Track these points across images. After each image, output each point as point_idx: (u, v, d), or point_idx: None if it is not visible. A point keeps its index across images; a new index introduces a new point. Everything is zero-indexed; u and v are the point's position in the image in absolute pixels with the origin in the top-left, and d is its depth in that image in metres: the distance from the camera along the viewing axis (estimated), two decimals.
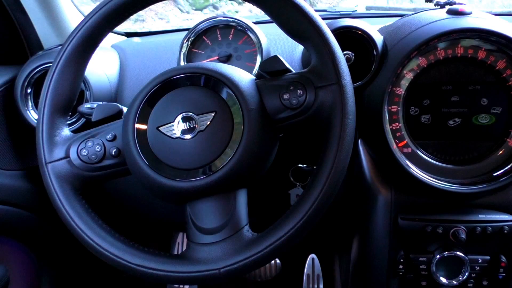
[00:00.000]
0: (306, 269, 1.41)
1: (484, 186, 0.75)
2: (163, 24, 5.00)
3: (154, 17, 4.98)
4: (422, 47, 0.74)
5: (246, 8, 4.96)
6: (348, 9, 1.33)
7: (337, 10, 1.35)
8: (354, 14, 1.30)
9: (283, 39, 0.96)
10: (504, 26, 0.73)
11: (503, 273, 0.81)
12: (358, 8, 1.98)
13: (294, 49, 0.94)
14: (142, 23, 4.92)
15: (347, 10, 1.33)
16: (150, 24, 5.07)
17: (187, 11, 5.30)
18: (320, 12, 1.35)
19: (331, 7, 1.41)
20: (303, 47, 0.94)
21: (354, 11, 1.33)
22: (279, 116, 0.63)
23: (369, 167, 0.84)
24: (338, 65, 0.61)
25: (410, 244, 0.83)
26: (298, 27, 0.63)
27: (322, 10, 1.36)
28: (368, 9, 1.98)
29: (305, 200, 0.59)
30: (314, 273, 1.39)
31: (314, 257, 1.41)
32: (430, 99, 0.79)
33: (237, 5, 4.93)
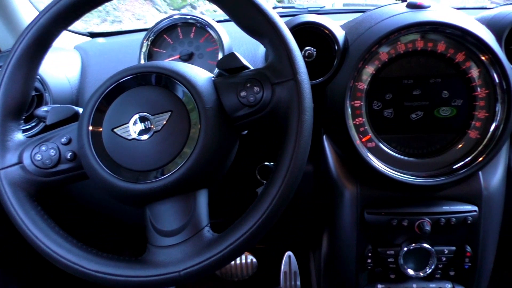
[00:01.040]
0: (283, 267, 1.40)
1: (444, 179, 0.75)
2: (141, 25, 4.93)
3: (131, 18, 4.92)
4: (382, 41, 0.74)
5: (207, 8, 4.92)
6: (316, 6, 1.33)
7: (305, 7, 1.35)
8: (322, 10, 1.30)
9: (247, 37, 0.95)
10: (461, 18, 0.74)
11: (469, 262, 0.82)
12: (335, 5, 1.99)
13: (258, 46, 0.93)
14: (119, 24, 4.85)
15: (315, 6, 1.33)
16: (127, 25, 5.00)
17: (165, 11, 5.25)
18: (288, 9, 1.35)
19: (299, 3, 1.41)
20: None
21: (322, 7, 1.33)
22: (237, 114, 0.62)
23: (334, 163, 0.84)
24: (294, 61, 0.60)
25: (377, 238, 0.84)
26: (254, 24, 0.62)
27: (290, 6, 1.36)
28: (345, 6, 1.99)
29: (263, 198, 0.58)
30: (291, 270, 1.39)
31: (291, 254, 1.41)
32: (392, 93, 0.79)
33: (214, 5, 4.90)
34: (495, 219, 0.82)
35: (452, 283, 0.84)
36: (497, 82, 0.74)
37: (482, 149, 0.76)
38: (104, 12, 4.82)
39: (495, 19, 0.81)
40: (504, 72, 0.72)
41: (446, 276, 0.85)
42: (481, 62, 0.75)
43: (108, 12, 4.86)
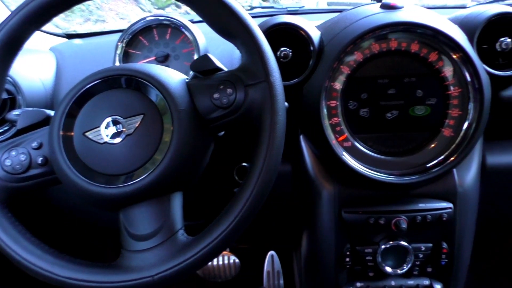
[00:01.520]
0: (266, 266, 1.40)
1: (418, 177, 0.76)
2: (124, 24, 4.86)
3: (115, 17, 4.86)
4: (356, 41, 0.75)
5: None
6: (295, 6, 1.34)
7: (284, 7, 1.36)
8: (301, 10, 1.31)
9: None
10: (433, 18, 0.75)
11: (445, 259, 0.84)
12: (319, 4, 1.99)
13: (235, 47, 0.93)
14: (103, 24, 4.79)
15: (294, 6, 1.33)
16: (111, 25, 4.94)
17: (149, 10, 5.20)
18: (267, 9, 1.35)
19: (279, 4, 1.41)
20: None
21: (302, 7, 1.33)
22: (211, 116, 0.62)
23: (312, 163, 0.85)
24: (266, 63, 0.60)
25: (355, 237, 0.84)
26: (226, 26, 0.62)
27: (269, 6, 1.37)
28: (330, 5, 2.00)
29: (237, 200, 0.58)
30: (274, 270, 1.39)
31: (273, 254, 1.41)
32: (367, 92, 0.79)
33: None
34: (470, 216, 0.84)
35: (429, 279, 0.86)
36: (469, 81, 0.75)
37: (455, 147, 0.77)
38: (87, 12, 4.77)
39: (467, 18, 0.82)
40: (475, 71, 0.73)
41: (424, 273, 0.86)
42: (454, 61, 0.76)
43: (92, 12, 4.80)
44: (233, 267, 1.38)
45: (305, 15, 1.29)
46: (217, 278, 1.39)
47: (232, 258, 1.39)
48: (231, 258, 1.39)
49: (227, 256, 1.39)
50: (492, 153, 0.88)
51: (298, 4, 1.34)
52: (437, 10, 1.16)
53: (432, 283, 0.85)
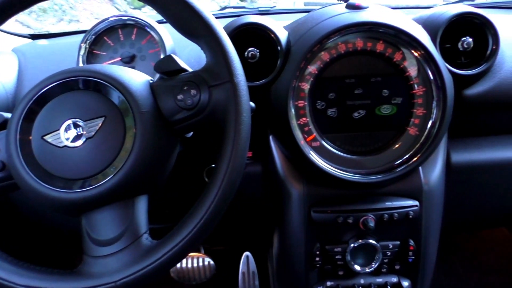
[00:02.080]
0: (241, 268, 1.40)
1: (384, 176, 0.77)
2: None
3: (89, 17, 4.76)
4: (322, 41, 0.75)
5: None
6: (267, 6, 1.33)
7: (255, 7, 1.35)
8: (272, 10, 1.31)
9: None
10: (396, 18, 0.76)
11: (412, 256, 0.85)
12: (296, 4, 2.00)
13: None
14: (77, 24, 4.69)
15: (265, 6, 1.33)
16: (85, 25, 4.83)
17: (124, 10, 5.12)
18: (239, 9, 1.34)
19: (250, 3, 1.41)
20: None
21: (273, 7, 1.33)
22: (176, 118, 0.61)
23: (281, 163, 0.85)
24: (230, 63, 0.60)
25: (325, 236, 0.85)
26: (189, 26, 0.62)
27: (241, 6, 1.36)
28: (306, 5, 2.00)
29: (201, 203, 0.58)
30: (249, 271, 1.39)
31: (249, 254, 1.40)
32: (335, 92, 0.80)
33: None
34: (435, 213, 0.85)
35: (398, 276, 0.87)
36: (432, 80, 0.76)
37: (420, 146, 0.78)
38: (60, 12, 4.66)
39: (430, 18, 0.83)
40: (438, 70, 0.75)
41: (392, 270, 0.87)
42: (418, 60, 0.77)
43: (65, 12, 4.69)
44: (208, 269, 1.37)
45: (277, 15, 1.29)
46: (191, 281, 1.38)
47: (206, 260, 1.38)
48: (205, 260, 1.37)
49: (201, 258, 1.38)
50: (457, 151, 0.90)
51: (275, 4, 1.34)
52: (404, 10, 1.17)
53: (400, 280, 0.86)
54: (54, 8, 4.50)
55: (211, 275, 1.39)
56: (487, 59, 0.82)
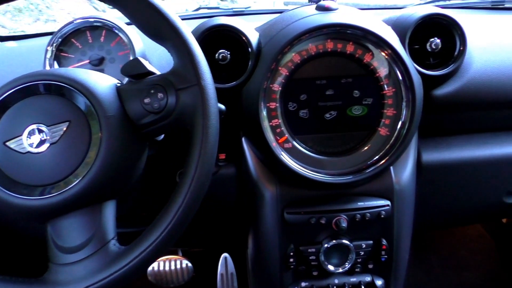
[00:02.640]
0: (219, 269, 1.39)
1: (353, 177, 0.78)
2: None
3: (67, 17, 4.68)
4: (293, 43, 0.75)
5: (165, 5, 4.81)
6: (241, 7, 1.33)
7: (230, 8, 1.35)
8: (247, 11, 1.30)
9: None
10: (365, 19, 0.76)
11: (385, 255, 0.86)
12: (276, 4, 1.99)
13: None
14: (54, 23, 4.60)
15: (240, 8, 1.32)
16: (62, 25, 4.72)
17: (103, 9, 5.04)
18: (213, 10, 1.34)
19: (225, 4, 1.41)
20: None
21: (247, 8, 1.33)
22: (143, 121, 0.61)
23: (254, 165, 0.85)
24: (197, 66, 0.59)
25: (299, 237, 0.85)
26: (156, 28, 0.61)
27: (215, 7, 1.35)
28: (286, 5, 2.00)
29: (169, 207, 0.57)
30: (227, 272, 1.38)
31: (227, 256, 1.40)
32: (306, 94, 0.80)
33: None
34: (407, 212, 0.86)
35: (371, 275, 0.88)
36: (401, 80, 0.77)
37: (390, 146, 0.79)
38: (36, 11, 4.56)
39: (399, 20, 0.84)
40: (406, 70, 0.75)
41: (366, 270, 0.88)
42: (387, 61, 0.78)
43: (41, 11, 4.59)
44: (186, 272, 1.36)
45: (252, 16, 1.29)
46: (169, 284, 1.37)
47: (184, 262, 1.37)
48: (183, 263, 1.37)
49: (179, 260, 1.37)
50: (427, 151, 0.91)
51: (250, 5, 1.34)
52: (376, 11, 1.19)
53: (374, 279, 0.87)
54: (30, 8, 4.40)
55: (189, 277, 1.38)
56: (454, 59, 0.83)
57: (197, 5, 3.19)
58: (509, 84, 0.86)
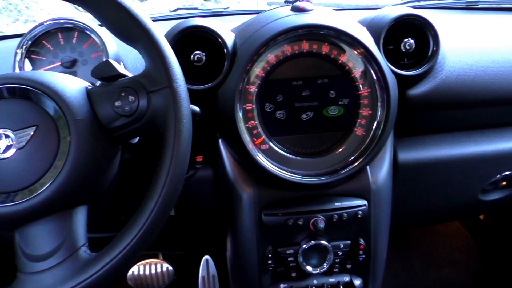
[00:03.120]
0: (201, 272, 1.38)
1: (329, 178, 0.78)
2: None
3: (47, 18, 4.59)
4: (269, 43, 0.75)
5: (149, 5, 4.75)
6: (220, 8, 1.32)
7: (208, 8, 1.34)
8: (226, 12, 1.30)
9: None
10: (339, 20, 0.76)
11: (363, 254, 0.86)
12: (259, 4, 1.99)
13: None
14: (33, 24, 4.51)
15: (219, 8, 1.32)
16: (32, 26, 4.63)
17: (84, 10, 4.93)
18: (191, 10, 1.33)
19: (203, 4, 1.40)
20: None
21: (226, 8, 1.32)
22: (114, 125, 0.59)
23: (231, 166, 0.84)
24: (169, 68, 0.58)
25: (277, 239, 0.85)
26: (126, 30, 0.60)
27: (193, 8, 1.34)
28: (270, 5, 1.99)
29: (142, 212, 0.56)
30: (209, 275, 1.38)
31: (208, 258, 1.39)
32: (283, 95, 0.80)
33: (139, 2, 4.69)
34: (384, 211, 0.87)
35: (350, 275, 0.88)
36: (376, 80, 0.77)
37: (366, 146, 0.79)
38: (15, 12, 4.46)
39: (374, 20, 0.85)
40: (381, 70, 0.76)
41: (344, 269, 0.88)
42: (362, 62, 0.78)
43: (20, 12, 4.50)
44: (167, 275, 1.35)
45: (231, 17, 1.28)
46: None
47: (165, 265, 1.36)
48: (164, 266, 1.35)
49: (160, 264, 1.36)
50: (403, 150, 0.92)
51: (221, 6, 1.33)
52: (354, 11, 1.19)
53: (352, 279, 0.87)
54: (9, 8, 4.31)
55: (170, 281, 1.37)
56: (428, 60, 0.84)
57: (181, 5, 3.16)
58: (481, 83, 0.88)
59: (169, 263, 1.36)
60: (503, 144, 0.97)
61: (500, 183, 1.06)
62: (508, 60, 0.90)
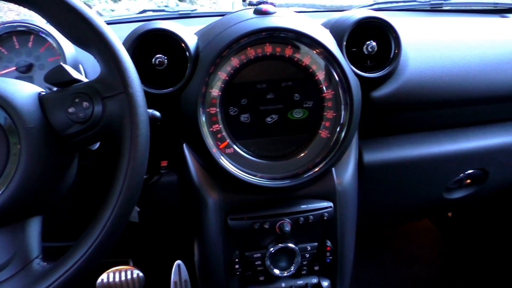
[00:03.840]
0: (172, 277, 1.37)
1: (294, 181, 0.78)
2: None
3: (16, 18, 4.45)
4: (232, 46, 0.74)
5: (123, 6, 4.65)
6: (187, 9, 1.31)
7: (176, 10, 1.32)
8: (194, 14, 1.28)
9: None
10: (299, 22, 0.76)
11: (330, 256, 0.86)
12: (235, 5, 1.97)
13: None
14: None
15: (186, 10, 1.30)
16: None
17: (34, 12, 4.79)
18: (159, 12, 1.30)
19: (170, 7, 1.38)
20: None
21: (194, 10, 1.31)
22: (68, 132, 0.58)
23: (196, 171, 0.83)
24: (124, 73, 0.57)
25: (244, 243, 0.84)
26: (78, 33, 0.58)
27: (161, 10, 1.32)
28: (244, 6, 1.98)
29: (97, 221, 0.54)
30: (181, 280, 1.36)
31: (180, 263, 1.37)
32: (247, 98, 0.79)
33: (112, 3, 4.59)
34: (350, 213, 0.87)
35: (317, 277, 0.88)
36: (338, 82, 0.78)
37: (330, 148, 0.80)
38: None
39: (337, 23, 0.85)
40: (343, 72, 0.76)
41: (312, 272, 0.88)
42: (325, 64, 0.78)
43: None
44: (137, 282, 1.32)
45: (199, 19, 1.27)
46: None
47: (135, 272, 1.33)
48: (134, 273, 1.33)
49: (130, 270, 1.33)
50: (368, 151, 0.92)
51: (189, 8, 1.31)
52: (319, 13, 1.20)
53: (320, 281, 0.88)
54: None
55: (140, 287, 1.34)
56: (390, 62, 0.85)
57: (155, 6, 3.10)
58: (442, 84, 0.89)
59: (139, 270, 1.33)
60: (466, 143, 0.99)
61: (464, 181, 1.08)
62: (467, 62, 0.92)
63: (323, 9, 1.40)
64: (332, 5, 1.54)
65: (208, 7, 4.74)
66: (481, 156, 1.01)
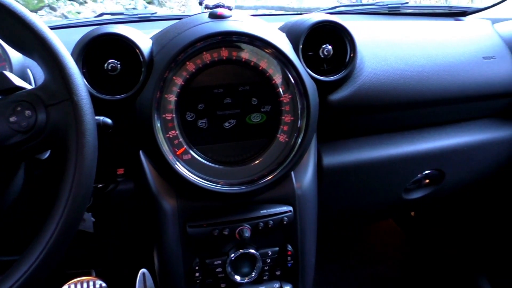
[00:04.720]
0: (137, 286, 1.33)
1: (250, 186, 0.77)
2: None
3: None
4: (186, 50, 0.73)
5: (89, 8, 4.54)
6: (147, 13, 1.28)
7: (135, 13, 1.30)
8: (153, 17, 1.26)
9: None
10: (253, 26, 0.76)
11: (291, 260, 0.86)
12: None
13: None
14: None
15: (145, 13, 1.28)
16: None
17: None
18: (117, 16, 1.27)
19: (130, 9, 1.35)
20: None
21: (154, 14, 1.29)
22: (10, 142, 0.55)
23: (153, 178, 0.81)
24: (69, 80, 0.55)
25: (204, 250, 0.83)
26: (20, 38, 0.56)
27: (119, 13, 1.29)
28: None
29: (42, 234, 0.52)
30: None
31: (145, 271, 1.34)
32: (204, 103, 0.78)
33: (78, 6, 4.47)
34: (310, 216, 0.87)
35: (279, 282, 0.87)
36: (295, 86, 0.78)
37: (289, 152, 0.79)
38: None
39: (294, 26, 0.85)
40: (299, 76, 0.76)
41: (274, 276, 0.87)
42: (281, 68, 0.78)
43: None
44: None
45: (158, 22, 1.25)
46: None
47: (98, 283, 1.29)
48: (97, 283, 1.29)
49: (92, 281, 1.29)
50: (327, 154, 0.93)
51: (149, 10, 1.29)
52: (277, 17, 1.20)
53: (282, 285, 0.87)
54: None
55: None
56: (346, 65, 0.85)
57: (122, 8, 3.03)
58: (398, 87, 0.91)
59: (102, 280, 1.30)
60: (422, 145, 1.01)
61: (423, 181, 1.11)
62: (421, 64, 0.94)
63: (292, 11, 1.41)
64: (300, 7, 1.55)
65: (177, 10, 4.68)
66: (437, 156, 1.03)
